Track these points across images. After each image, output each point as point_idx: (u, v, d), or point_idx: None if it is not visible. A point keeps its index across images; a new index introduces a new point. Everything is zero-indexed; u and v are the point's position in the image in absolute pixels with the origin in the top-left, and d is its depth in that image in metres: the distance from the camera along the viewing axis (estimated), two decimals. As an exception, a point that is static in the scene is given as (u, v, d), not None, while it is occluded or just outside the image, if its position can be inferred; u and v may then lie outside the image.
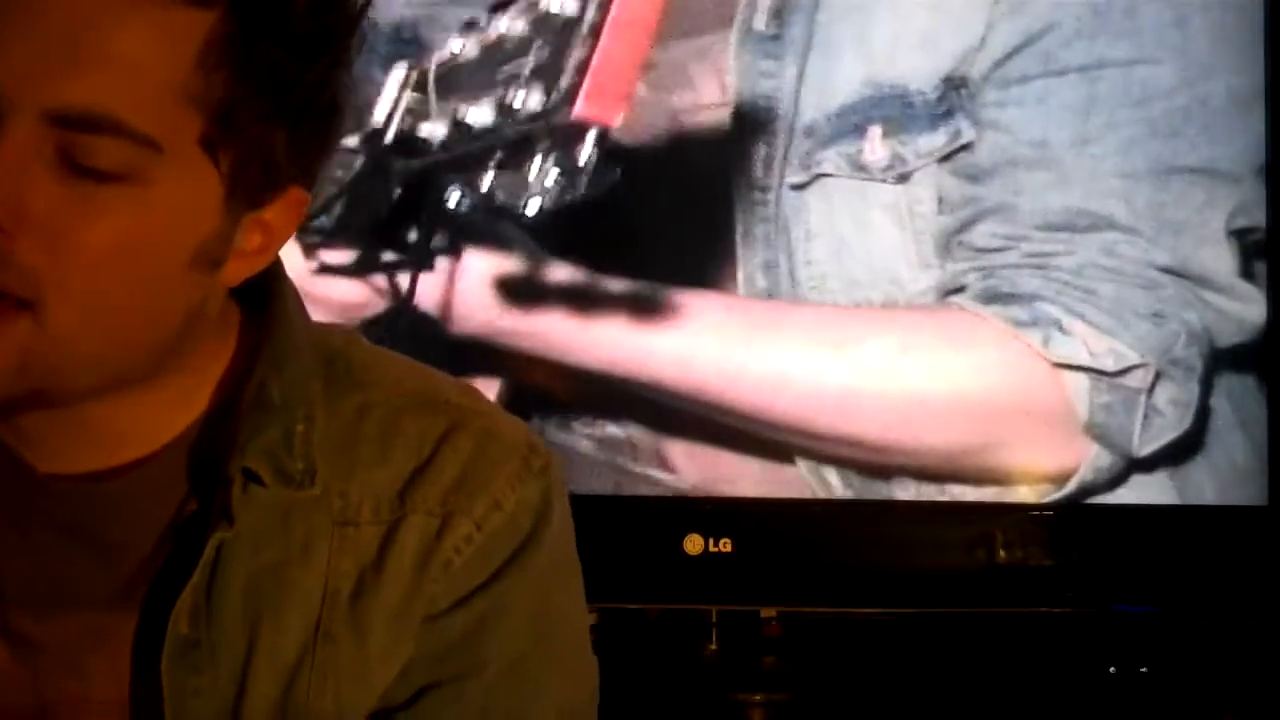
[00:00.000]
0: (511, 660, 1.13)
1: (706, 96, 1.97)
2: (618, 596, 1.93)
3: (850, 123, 1.96)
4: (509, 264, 1.96)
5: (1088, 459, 1.95)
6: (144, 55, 0.98)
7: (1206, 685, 1.97)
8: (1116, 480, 1.96)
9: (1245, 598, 1.95)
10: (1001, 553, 1.96)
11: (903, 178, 1.96)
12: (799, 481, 1.97)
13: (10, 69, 0.96)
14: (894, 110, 1.96)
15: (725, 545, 1.95)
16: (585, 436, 1.97)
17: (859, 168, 1.96)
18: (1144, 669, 2.00)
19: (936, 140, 1.95)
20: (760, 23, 1.96)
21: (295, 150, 1.03)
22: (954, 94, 1.95)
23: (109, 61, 0.97)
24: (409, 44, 1.97)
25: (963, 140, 1.95)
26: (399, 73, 1.96)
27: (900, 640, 2.03)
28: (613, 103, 1.95)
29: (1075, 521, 1.96)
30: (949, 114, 1.95)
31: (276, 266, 1.12)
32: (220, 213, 1.02)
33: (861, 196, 1.96)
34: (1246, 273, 1.97)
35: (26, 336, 0.98)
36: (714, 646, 2.04)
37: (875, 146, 1.95)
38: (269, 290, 1.11)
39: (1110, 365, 1.94)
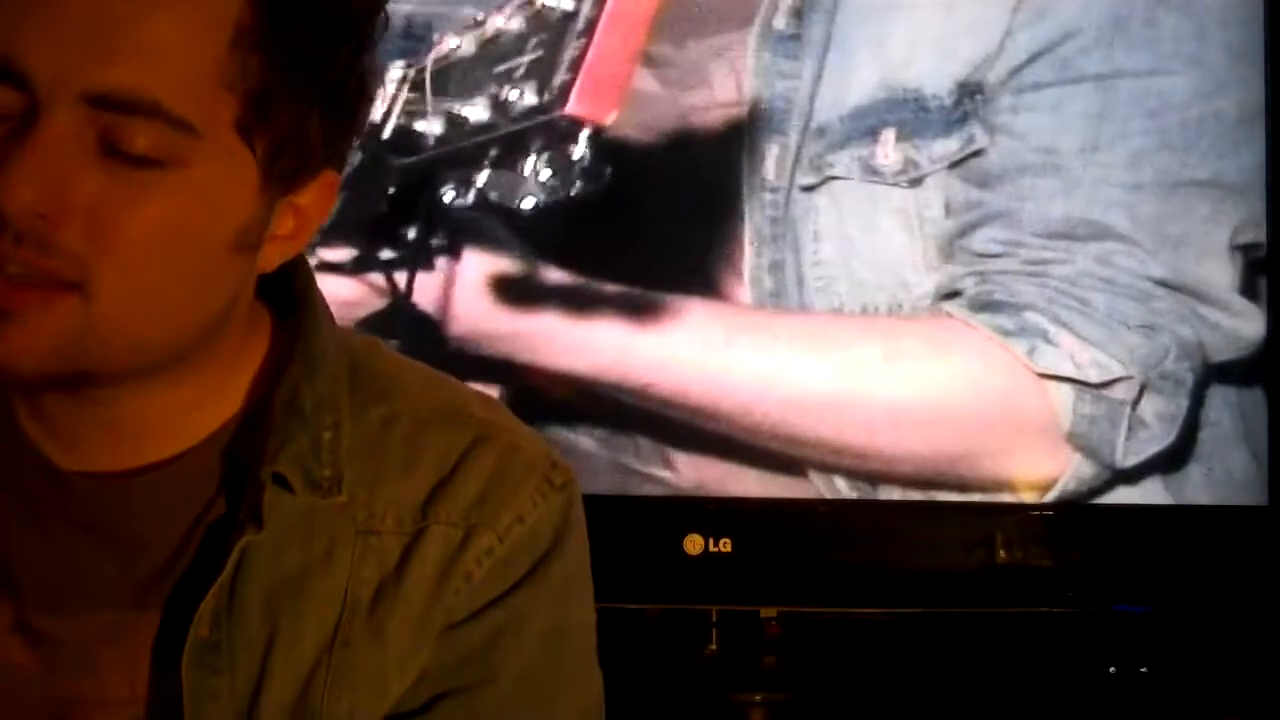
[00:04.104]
0: (526, 671, 1.14)
1: (722, 95, 1.97)
2: (618, 596, 1.91)
3: (864, 126, 1.95)
4: (504, 263, 1.96)
5: (1070, 469, 1.95)
6: (179, 40, 0.98)
7: (1206, 685, 1.98)
8: (1100, 490, 1.95)
9: (1245, 598, 1.95)
10: (1001, 553, 1.96)
11: (914, 182, 1.95)
12: (800, 484, 1.97)
13: (45, 57, 0.97)
14: (908, 114, 1.95)
15: (725, 545, 1.95)
16: (587, 436, 1.97)
17: (871, 171, 1.95)
18: (1144, 669, 2.00)
19: (950, 146, 1.95)
20: (780, 22, 1.96)
21: (327, 134, 1.05)
22: (969, 100, 1.94)
23: (145, 46, 0.98)
24: (419, 40, 1.96)
25: (976, 146, 1.95)
26: (397, 70, 1.95)
27: (900, 640, 2.03)
28: (605, 100, 1.95)
29: (1075, 521, 1.96)
30: (963, 120, 1.94)
31: (306, 272, 1.14)
32: (257, 197, 1.04)
33: (871, 199, 1.95)
34: (1247, 289, 1.96)
35: (74, 316, 0.99)
36: (714, 646, 2.04)
37: (888, 150, 1.95)
38: (298, 295, 1.13)
39: (1094, 377, 1.94)
